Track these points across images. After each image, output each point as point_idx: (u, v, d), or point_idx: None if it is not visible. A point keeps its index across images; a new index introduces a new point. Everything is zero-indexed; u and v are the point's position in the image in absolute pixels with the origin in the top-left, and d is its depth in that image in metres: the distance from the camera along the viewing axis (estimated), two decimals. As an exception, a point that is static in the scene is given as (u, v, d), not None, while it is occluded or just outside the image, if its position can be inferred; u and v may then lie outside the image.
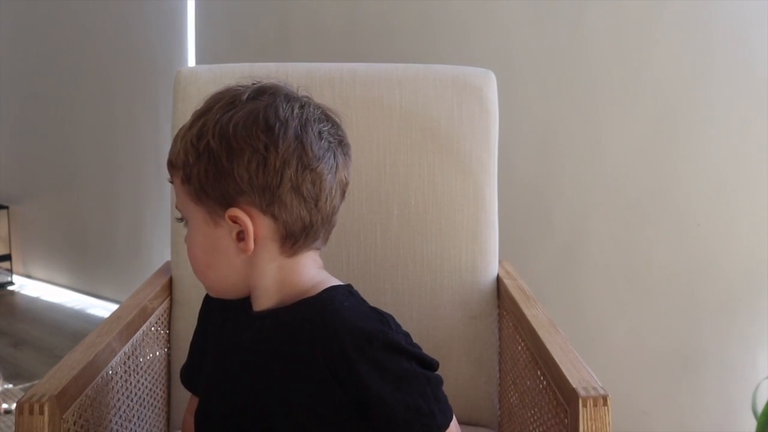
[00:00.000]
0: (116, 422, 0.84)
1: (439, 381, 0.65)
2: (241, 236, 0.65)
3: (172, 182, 0.69)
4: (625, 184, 1.54)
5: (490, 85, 1.09)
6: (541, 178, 1.62)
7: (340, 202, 0.68)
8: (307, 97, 0.69)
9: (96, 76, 2.80)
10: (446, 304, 1.04)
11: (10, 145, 3.28)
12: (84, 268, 3.04)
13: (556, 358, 0.75)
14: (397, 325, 0.66)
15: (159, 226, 2.60)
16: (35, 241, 3.23)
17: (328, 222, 0.68)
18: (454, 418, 0.65)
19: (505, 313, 1.03)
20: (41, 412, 0.66)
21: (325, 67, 1.10)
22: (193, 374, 0.79)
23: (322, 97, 1.08)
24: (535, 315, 0.89)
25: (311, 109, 0.66)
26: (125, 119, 2.71)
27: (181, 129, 0.68)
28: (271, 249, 0.65)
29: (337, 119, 0.69)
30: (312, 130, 0.64)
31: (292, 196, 0.63)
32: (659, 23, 1.48)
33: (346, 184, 0.69)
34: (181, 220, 0.70)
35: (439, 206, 1.05)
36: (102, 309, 2.82)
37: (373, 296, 1.04)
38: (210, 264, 0.67)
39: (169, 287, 1.07)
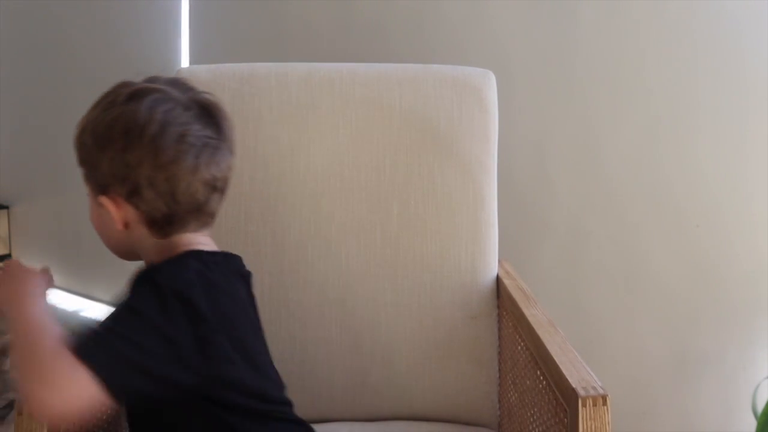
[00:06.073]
0: (116, 422, 0.84)
1: (157, 344, 0.64)
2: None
3: None
4: (624, 184, 1.54)
5: (489, 85, 1.09)
6: (541, 178, 1.62)
7: (211, 196, 0.74)
8: (189, 97, 0.74)
9: (95, 75, 2.79)
10: (446, 304, 1.04)
11: (10, 145, 3.28)
12: (83, 270, 3.03)
13: (556, 358, 0.75)
14: (216, 299, 0.69)
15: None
16: (35, 241, 3.23)
17: (197, 211, 0.74)
18: (91, 384, 0.59)
19: (504, 313, 1.03)
20: (41, 412, 0.65)
21: (324, 67, 1.10)
22: None
23: (322, 97, 1.09)
24: (535, 315, 0.89)
25: (179, 111, 0.72)
26: (125, 119, 2.70)
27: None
28: (142, 231, 0.74)
29: (218, 118, 0.75)
30: (170, 133, 0.71)
31: (148, 190, 0.71)
32: (658, 23, 1.48)
33: (217, 179, 0.75)
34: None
35: (439, 206, 1.04)
36: (99, 311, 2.81)
37: (373, 296, 1.05)
38: (101, 233, 0.78)
39: (169, 287, 1.06)
